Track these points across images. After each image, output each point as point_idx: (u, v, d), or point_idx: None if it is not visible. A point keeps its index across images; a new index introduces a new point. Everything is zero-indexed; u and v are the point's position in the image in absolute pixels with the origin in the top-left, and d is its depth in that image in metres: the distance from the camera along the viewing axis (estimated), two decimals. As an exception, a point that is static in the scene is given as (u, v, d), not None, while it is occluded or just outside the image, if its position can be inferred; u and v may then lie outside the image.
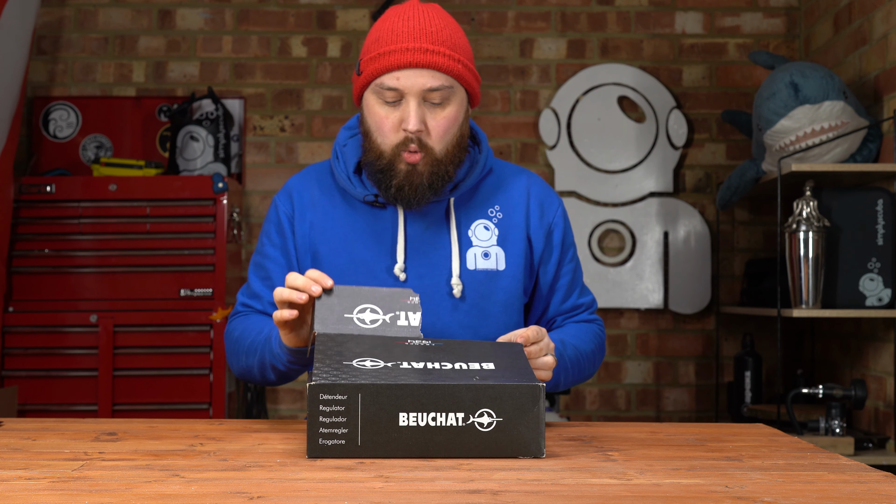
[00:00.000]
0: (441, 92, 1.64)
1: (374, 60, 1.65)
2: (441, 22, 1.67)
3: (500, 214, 1.78)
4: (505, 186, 1.80)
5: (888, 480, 1.21)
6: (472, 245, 1.74)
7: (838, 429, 2.98)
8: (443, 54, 1.64)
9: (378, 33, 1.67)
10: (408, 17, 1.66)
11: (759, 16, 3.91)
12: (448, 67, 1.64)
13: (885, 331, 3.06)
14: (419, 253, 1.72)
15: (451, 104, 1.66)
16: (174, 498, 1.09)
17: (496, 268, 1.74)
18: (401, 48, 1.63)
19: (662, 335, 3.86)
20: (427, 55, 1.63)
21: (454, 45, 1.66)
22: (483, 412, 1.32)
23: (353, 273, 1.72)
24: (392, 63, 1.63)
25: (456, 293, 1.71)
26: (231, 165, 3.77)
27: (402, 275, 1.70)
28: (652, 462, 1.32)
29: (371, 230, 1.73)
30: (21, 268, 3.42)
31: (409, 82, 1.63)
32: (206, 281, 3.41)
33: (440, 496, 1.11)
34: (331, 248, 1.74)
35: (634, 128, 3.89)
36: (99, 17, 3.90)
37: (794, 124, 3.09)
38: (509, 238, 1.76)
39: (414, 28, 1.64)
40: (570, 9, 3.91)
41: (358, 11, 3.90)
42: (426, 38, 1.64)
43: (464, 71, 1.67)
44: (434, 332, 1.72)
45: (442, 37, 1.65)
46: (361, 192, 1.73)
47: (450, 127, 1.67)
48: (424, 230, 1.73)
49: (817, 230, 2.95)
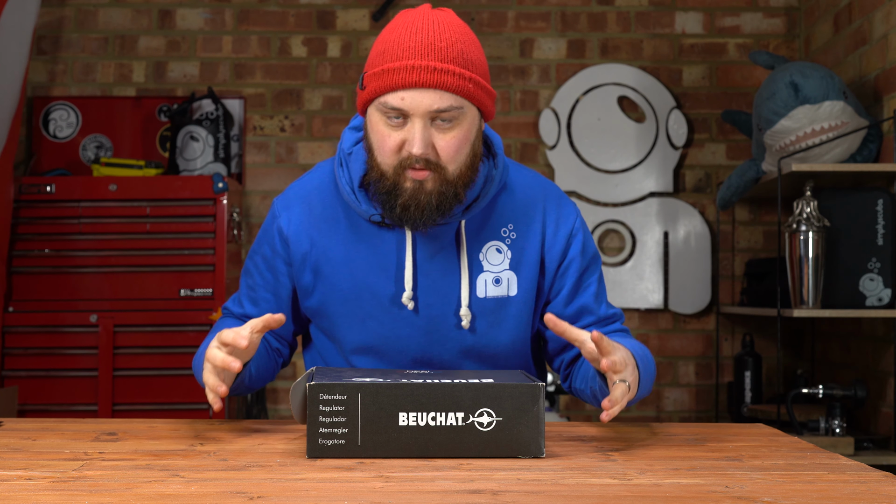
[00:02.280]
0: (450, 113, 1.51)
1: (378, 77, 1.52)
2: (453, 35, 1.52)
3: (513, 235, 1.67)
4: (519, 203, 1.69)
5: (888, 480, 1.21)
6: (482, 270, 1.65)
7: (838, 429, 2.98)
8: (452, 73, 1.50)
9: (384, 45, 1.53)
10: (416, 28, 1.52)
11: (759, 16, 3.91)
12: (457, 87, 1.50)
13: (885, 331, 3.06)
14: (428, 279, 1.64)
15: (461, 125, 1.53)
16: (174, 498, 1.09)
17: (507, 294, 1.65)
18: (406, 66, 1.49)
19: (662, 335, 3.86)
20: (434, 74, 1.49)
21: (466, 62, 1.52)
22: (483, 412, 1.32)
23: (356, 299, 1.65)
24: (396, 82, 1.49)
25: (465, 324, 1.63)
26: (231, 165, 3.77)
27: (410, 303, 1.63)
28: (652, 462, 1.32)
29: (376, 252, 1.64)
30: (21, 268, 3.42)
31: (415, 103, 1.49)
32: (206, 281, 3.41)
33: (440, 496, 1.11)
34: (334, 268, 1.65)
35: (634, 128, 3.89)
36: (99, 17, 3.90)
37: (794, 124, 3.09)
38: (523, 260, 1.66)
39: (422, 42, 1.50)
40: (570, 9, 3.91)
41: (358, 11, 3.90)
42: (434, 54, 1.50)
43: (475, 90, 1.53)
44: (440, 361, 1.66)
45: (452, 53, 1.51)
46: (367, 210, 1.62)
47: (460, 147, 1.53)
48: (434, 255, 1.63)
49: (817, 230, 2.95)
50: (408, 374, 1.41)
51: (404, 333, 1.65)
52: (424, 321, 1.64)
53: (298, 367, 3.79)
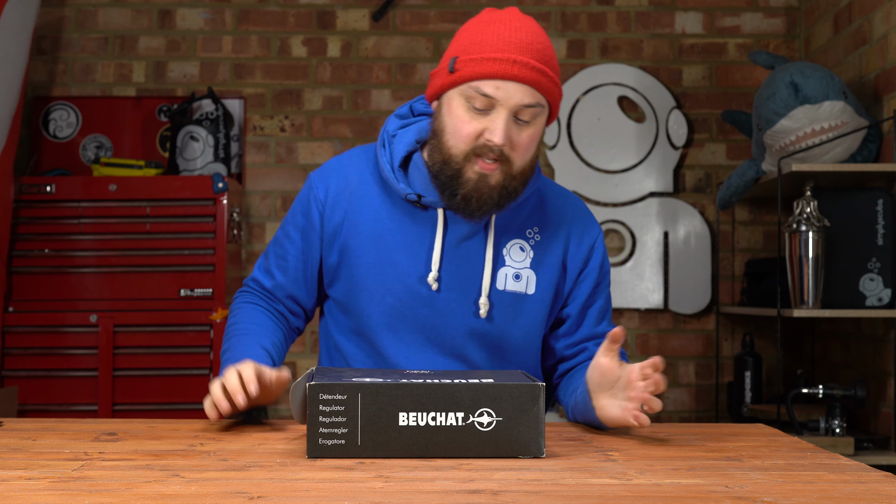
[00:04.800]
0: (533, 110, 1.59)
1: (477, 63, 1.57)
2: (544, 39, 1.61)
3: (537, 237, 1.73)
4: (546, 208, 1.75)
5: (888, 480, 1.21)
6: (504, 264, 1.70)
7: (838, 429, 2.98)
8: (545, 74, 1.58)
9: (482, 36, 1.59)
10: (516, 27, 1.59)
11: (759, 16, 3.91)
12: (547, 88, 1.59)
13: (885, 331, 3.06)
14: (452, 264, 1.68)
15: (537, 124, 1.61)
16: (174, 498, 1.09)
17: (525, 291, 1.70)
18: (508, 58, 1.56)
19: (662, 335, 3.86)
20: (532, 73, 1.56)
21: (554, 66, 1.61)
22: (483, 412, 1.32)
23: (379, 273, 1.69)
24: (496, 71, 1.56)
25: (482, 313, 1.68)
26: (231, 165, 3.77)
27: (434, 284, 1.67)
28: (652, 462, 1.32)
29: (407, 231, 1.69)
30: (21, 268, 3.42)
31: (507, 94, 1.56)
32: (206, 281, 3.41)
33: (440, 496, 1.11)
34: (361, 241, 1.70)
35: (634, 128, 3.89)
36: (99, 17, 3.90)
37: (794, 124, 3.09)
38: (544, 262, 1.72)
39: (522, 40, 1.58)
40: (570, 9, 3.91)
41: (358, 11, 3.90)
42: (533, 53, 1.57)
43: (557, 93, 1.62)
44: (454, 345, 1.69)
45: (546, 55, 1.59)
46: (404, 188, 1.67)
47: (531, 145, 1.62)
48: (461, 241, 1.69)
49: (817, 230, 2.95)
50: (408, 375, 1.41)
51: (422, 313, 1.69)
52: (444, 303, 1.69)
53: (299, 367, 3.79)
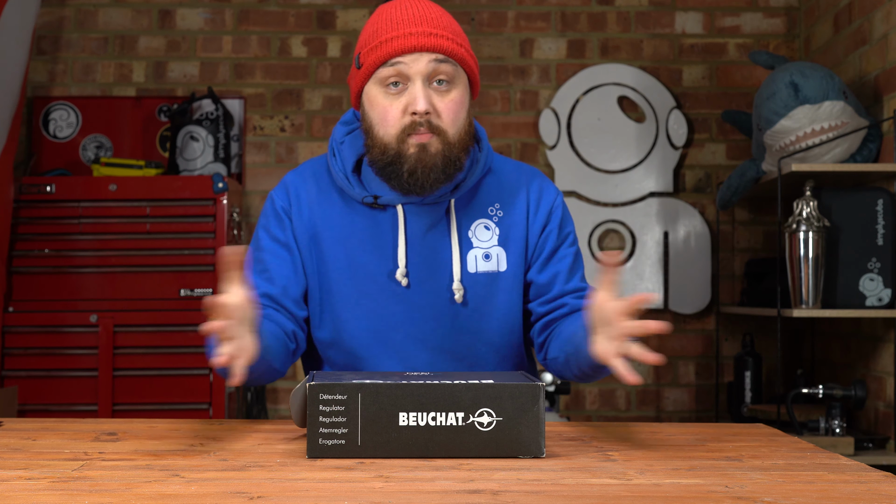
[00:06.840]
0: (446, 70, 1.60)
1: (376, 49, 1.61)
2: (439, 10, 1.65)
3: (500, 213, 1.74)
4: (504, 184, 1.76)
5: (888, 480, 1.21)
6: (472, 247, 1.71)
7: (838, 429, 2.98)
8: (446, 38, 1.60)
9: (376, 25, 1.63)
10: (405, 6, 1.63)
11: (759, 16, 3.91)
12: (452, 51, 1.61)
13: (885, 331, 3.06)
14: (420, 256, 1.69)
15: (457, 87, 1.62)
16: (174, 498, 1.09)
17: (497, 269, 1.71)
18: (403, 33, 1.59)
19: (662, 335, 3.86)
20: (431, 38, 1.59)
21: (455, 32, 1.63)
22: (483, 412, 1.32)
23: (351, 277, 1.69)
24: (395, 48, 1.59)
25: (458, 298, 1.68)
26: (231, 165, 3.77)
27: (404, 280, 1.68)
28: (652, 462, 1.32)
29: (370, 233, 1.69)
30: (21, 268, 3.42)
31: (415, 64, 1.59)
32: (206, 281, 3.41)
33: (440, 496, 1.11)
34: (330, 247, 1.70)
35: (634, 128, 3.89)
36: (99, 17, 3.90)
37: (794, 124, 3.09)
38: (510, 237, 1.73)
39: (414, 15, 1.61)
40: (570, 9, 3.91)
41: (358, 11, 3.90)
42: (428, 23, 1.61)
43: (466, 56, 1.63)
44: (435, 337, 1.69)
45: (443, 22, 1.62)
46: (360, 192, 1.69)
47: (458, 110, 1.62)
48: (425, 233, 1.69)
49: (817, 230, 2.95)
50: (408, 375, 1.41)
51: (399, 310, 1.68)
52: (418, 297, 1.68)
53: (299, 370, 3.79)
